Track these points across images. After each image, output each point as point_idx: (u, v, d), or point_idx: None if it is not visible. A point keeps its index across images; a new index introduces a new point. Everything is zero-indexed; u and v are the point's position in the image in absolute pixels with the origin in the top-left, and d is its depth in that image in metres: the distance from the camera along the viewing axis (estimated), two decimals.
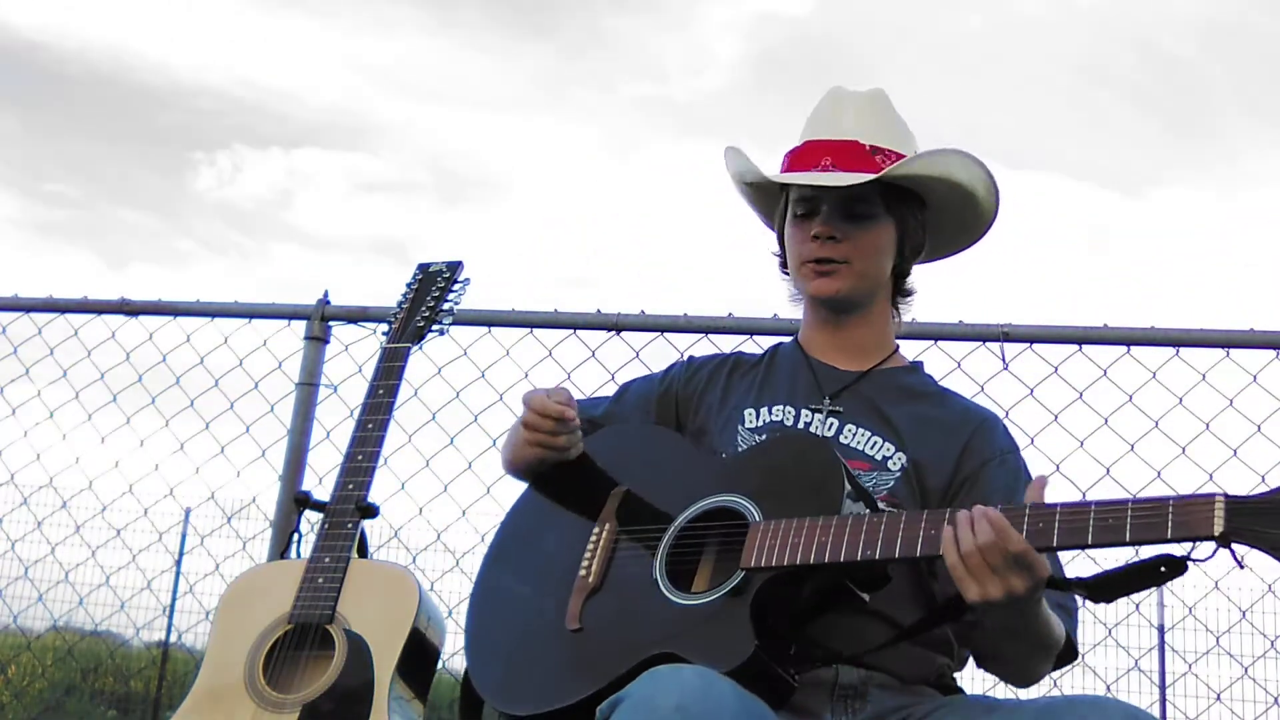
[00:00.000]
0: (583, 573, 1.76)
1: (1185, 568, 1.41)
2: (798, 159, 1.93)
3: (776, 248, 2.05)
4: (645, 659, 1.53)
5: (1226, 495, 1.34)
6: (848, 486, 1.63)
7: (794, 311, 2.08)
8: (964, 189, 1.90)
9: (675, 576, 1.69)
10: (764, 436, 1.86)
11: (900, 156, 1.89)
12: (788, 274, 2.02)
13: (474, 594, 1.91)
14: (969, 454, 1.81)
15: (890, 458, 1.80)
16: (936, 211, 1.95)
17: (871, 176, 1.84)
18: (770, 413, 1.89)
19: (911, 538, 1.51)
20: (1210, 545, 1.35)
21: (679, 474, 1.81)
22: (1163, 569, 1.42)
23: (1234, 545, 1.33)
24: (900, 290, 1.99)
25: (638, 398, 2.05)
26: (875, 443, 1.82)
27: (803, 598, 1.62)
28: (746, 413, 1.90)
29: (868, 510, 1.62)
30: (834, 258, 1.87)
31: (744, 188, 2.07)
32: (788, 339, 2.07)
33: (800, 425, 1.86)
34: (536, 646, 1.75)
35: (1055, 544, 1.42)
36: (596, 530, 1.80)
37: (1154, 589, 1.47)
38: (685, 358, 2.12)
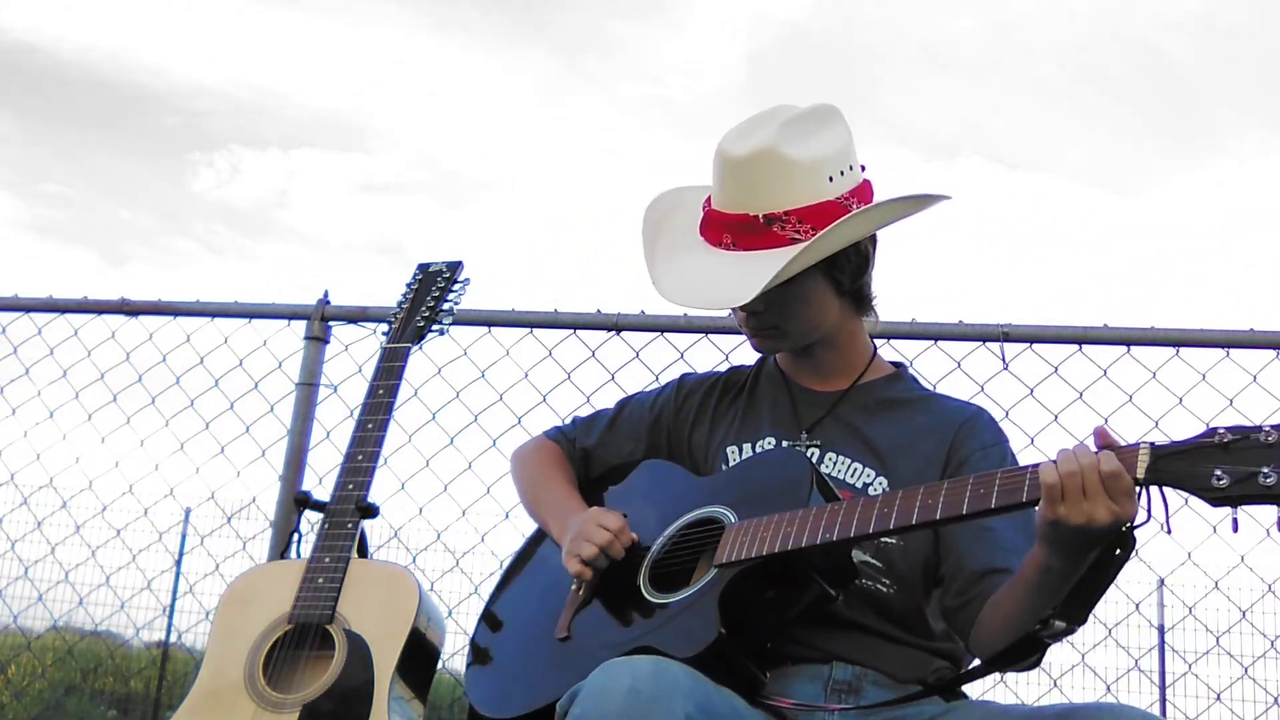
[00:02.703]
0: (575, 586, 1.82)
1: (1132, 538, 1.41)
2: (706, 228, 1.82)
3: None
4: (622, 654, 1.55)
5: (1153, 444, 1.38)
6: (817, 487, 1.67)
7: None
8: (893, 218, 1.81)
9: (666, 583, 1.73)
10: None
11: (800, 215, 1.72)
12: None
13: (483, 613, 1.97)
14: (953, 454, 1.81)
15: (870, 484, 1.80)
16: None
17: (759, 289, 1.67)
18: (754, 449, 1.89)
19: (866, 518, 1.55)
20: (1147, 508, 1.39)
21: (671, 494, 1.86)
22: (1118, 550, 1.42)
23: (1163, 489, 1.37)
24: (860, 303, 1.89)
25: (630, 425, 2.06)
26: (855, 469, 1.81)
27: (774, 594, 1.66)
28: (729, 450, 1.91)
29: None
30: (759, 327, 1.84)
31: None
32: None
33: None
34: (526, 656, 1.81)
35: (994, 504, 1.46)
36: None
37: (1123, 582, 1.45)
38: (677, 379, 2.10)
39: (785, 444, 1.86)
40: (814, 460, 1.82)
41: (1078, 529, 1.39)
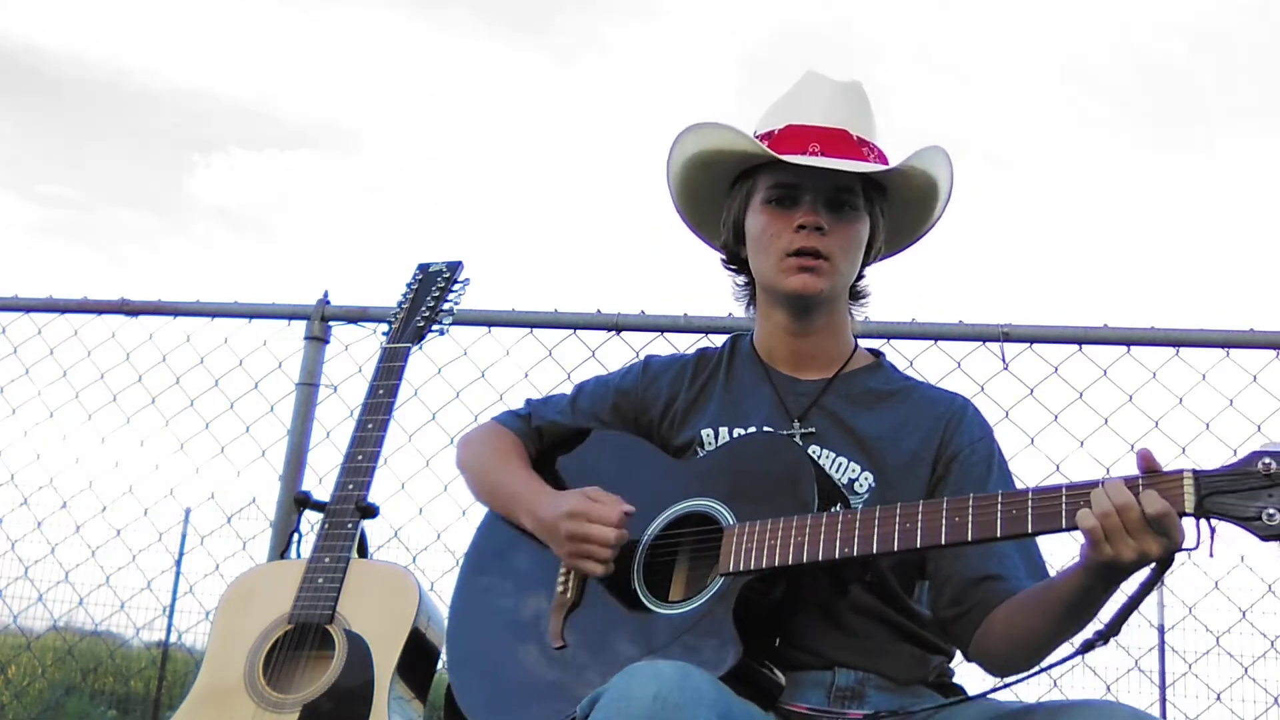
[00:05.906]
0: (560, 589, 1.76)
1: (1172, 559, 1.41)
2: (780, 143, 1.81)
3: (722, 241, 1.94)
4: None
5: (1195, 470, 1.37)
6: (817, 485, 1.62)
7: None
8: (937, 191, 1.87)
9: (651, 584, 1.69)
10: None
11: (880, 150, 1.84)
12: (732, 268, 1.95)
13: (453, 610, 1.90)
14: (943, 450, 1.77)
15: (856, 479, 1.75)
16: (894, 210, 1.89)
17: (879, 168, 1.79)
18: (731, 434, 1.82)
19: (887, 533, 1.51)
20: (1190, 528, 1.39)
21: (647, 481, 1.79)
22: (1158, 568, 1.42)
23: (1211, 521, 1.37)
24: (855, 292, 1.92)
25: (591, 406, 1.99)
26: (841, 464, 1.77)
27: (779, 594, 1.62)
28: (705, 433, 1.85)
29: (840, 508, 1.62)
30: (819, 250, 1.78)
31: (686, 176, 1.91)
32: (749, 331, 1.97)
33: None
34: (521, 666, 1.74)
35: (1030, 529, 1.44)
36: None
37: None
38: (642, 359, 2.03)
39: (768, 430, 1.80)
40: None
41: (1132, 564, 1.40)
